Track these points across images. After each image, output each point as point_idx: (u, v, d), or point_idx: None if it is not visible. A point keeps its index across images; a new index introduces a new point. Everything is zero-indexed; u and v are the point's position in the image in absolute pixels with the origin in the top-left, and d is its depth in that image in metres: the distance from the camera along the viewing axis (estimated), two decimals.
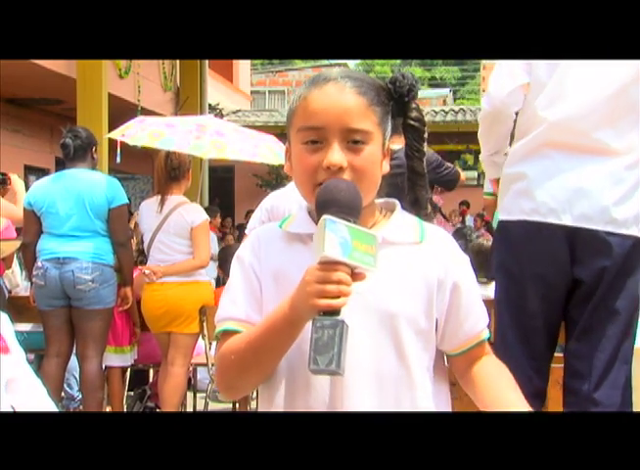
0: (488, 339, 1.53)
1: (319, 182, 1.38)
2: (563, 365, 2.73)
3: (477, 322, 1.50)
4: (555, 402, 2.83)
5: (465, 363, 1.51)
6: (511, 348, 2.64)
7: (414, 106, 1.52)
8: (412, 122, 1.52)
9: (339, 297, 1.27)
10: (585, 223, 2.57)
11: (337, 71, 1.44)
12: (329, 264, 1.27)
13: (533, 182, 2.62)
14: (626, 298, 2.61)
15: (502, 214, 2.75)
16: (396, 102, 1.49)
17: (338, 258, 1.26)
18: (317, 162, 1.39)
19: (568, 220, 2.58)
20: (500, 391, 1.47)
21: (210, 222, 5.71)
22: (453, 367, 1.54)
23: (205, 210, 5.46)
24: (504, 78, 2.72)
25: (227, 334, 1.44)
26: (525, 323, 2.65)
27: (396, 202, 1.52)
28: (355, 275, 1.29)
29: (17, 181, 5.51)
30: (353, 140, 1.39)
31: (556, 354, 2.79)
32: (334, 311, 1.27)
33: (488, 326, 1.54)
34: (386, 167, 1.47)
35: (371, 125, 1.41)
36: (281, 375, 1.43)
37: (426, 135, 1.55)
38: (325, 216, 1.27)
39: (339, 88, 1.40)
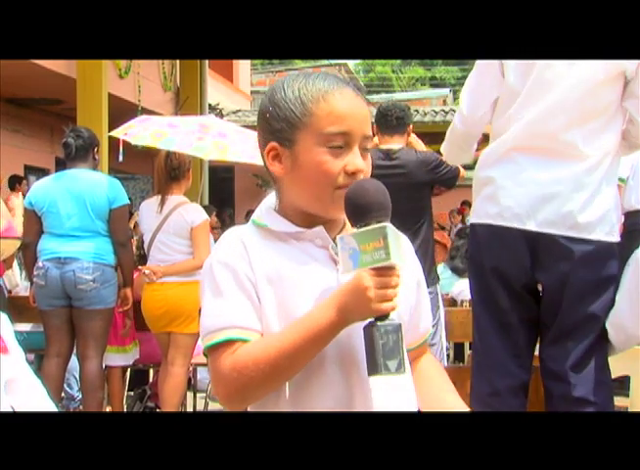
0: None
1: (339, 185, 1.39)
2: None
3: (428, 319, 1.60)
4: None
5: (413, 358, 1.55)
6: (490, 344, 2.66)
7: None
8: None
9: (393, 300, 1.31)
10: (548, 228, 2.59)
11: (340, 77, 1.46)
12: (384, 270, 1.30)
13: (500, 187, 2.65)
14: (601, 302, 2.60)
15: (472, 217, 2.81)
16: None
17: (397, 263, 1.30)
18: (341, 166, 1.39)
19: (531, 226, 2.60)
20: (440, 391, 1.54)
21: None
22: None
23: (204, 208, 5.46)
24: (477, 97, 2.77)
25: (230, 344, 1.37)
26: (500, 319, 2.68)
27: None
28: None
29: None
30: (365, 147, 1.42)
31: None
32: (386, 315, 1.31)
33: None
34: None
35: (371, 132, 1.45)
36: (301, 383, 1.40)
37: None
38: (386, 224, 1.30)
39: (353, 94, 1.41)
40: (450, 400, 1.52)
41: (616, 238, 2.66)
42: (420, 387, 1.51)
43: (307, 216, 1.43)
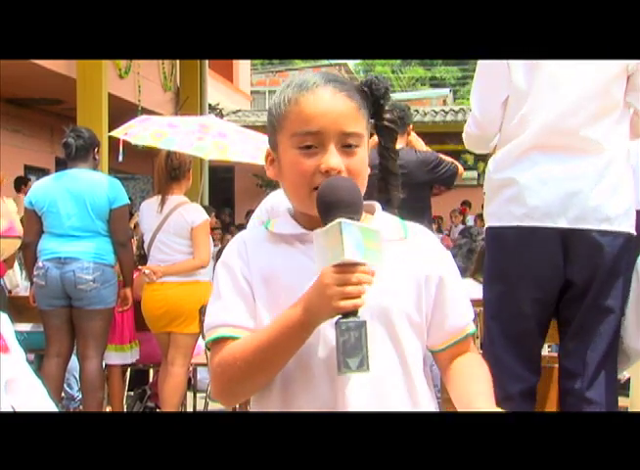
0: (474, 334, 1.54)
1: (315, 186, 1.39)
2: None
3: (461, 317, 1.51)
4: (552, 403, 2.83)
5: (449, 359, 1.51)
6: (503, 349, 2.65)
7: (388, 108, 1.54)
8: (387, 124, 1.54)
9: (359, 297, 1.28)
10: (580, 224, 2.59)
11: (322, 76, 1.45)
12: (347, 266, 1.28)
13: (524, 187, 2.63)
14: (618, 296, 2.62)
15: (492, 221, 2.75)
16: (372, 104, 1.50)
17: (356, 259, 1.28)
18: (314, 166, 1.39)
19: (563, 223, 2.59)
20: (470, 395, 1.44)
21: None
22: (438, 365, 1.54)
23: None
24: (488, 98, 2.75)
25: (222, 341, 1.42)
26: (516, 326, 2.66)
27: (376, 203, 1.54)
28: None
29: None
30: (347, 144, 1.40)
31: (554, 354, 2.80)
32: (353, 312, 1.28)
33: (475, 323, 1.56)
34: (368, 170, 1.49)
35: (362, 129, 1.43)
36: (277, 377, 1.42)
37: (397, 135, 1.57)
38: (340, 220, 1.28)
39: (331, 93, 1.41)
40: (479, 406, 1.41)
41: (635, 231, 2.67)
42: (453, 390, 1.48)
43: (311, 218, 1.43)
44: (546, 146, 2.62)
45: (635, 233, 2.66)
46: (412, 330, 1.44)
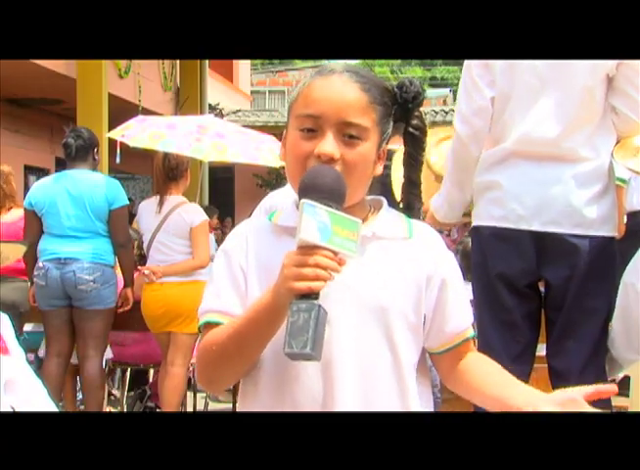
0: (474, 337, 1.53)
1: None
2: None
3: (462, 319, 1.50)
4: None
5: (450, 362, 1.50)
6: (492, 346, 2.66)
7: (417, 114, 1.51)
8: (412, 131, 1.51)
9: (317, 281, 1.26)
10: (554, 228, 2.62)
11: (344, 65, 1.44)
12: (307, 249, 1.26)
13: (505, 190, 2.67)
14: (601, 298, 2.64)
15: (475, 220, 2.81)
16: (400, 107, 1.48)
17: (315, 241, 1.26)
18: (310, 149, 1.38)
19: (537, 226, 2.63)
20: (505, 386, 1.43)
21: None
22: (437, 367, 1.53)
23: (205, 209, 5.46)
24: (473, 93, 2.75)
25: (209, 326, 1.44)
26: (502, 318, 2.69)
27: (383, 199, 1.52)
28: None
29: None
30: (349, 134, 1.38)
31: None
32: (311, 295, 1.26)
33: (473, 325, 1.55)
34: (379, 170, 1.46)
35: (369, 122, 1.40)
36: (266, 369, 1.42)
37: (425, 144, 1.53)
38: (303, 200, 1.27)
39: (343, 81, 1.40)
40: (518, 391, 1.41)
41: (617, 234, 2.71)
42: (479, 386, 1.46)
43: None
44: (526, 154, 2.64)
45: (615, 235, 2.68)
46: (409, 331, 1.43)
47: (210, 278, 1.49)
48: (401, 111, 1.48)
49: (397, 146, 1.56)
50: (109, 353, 5.07)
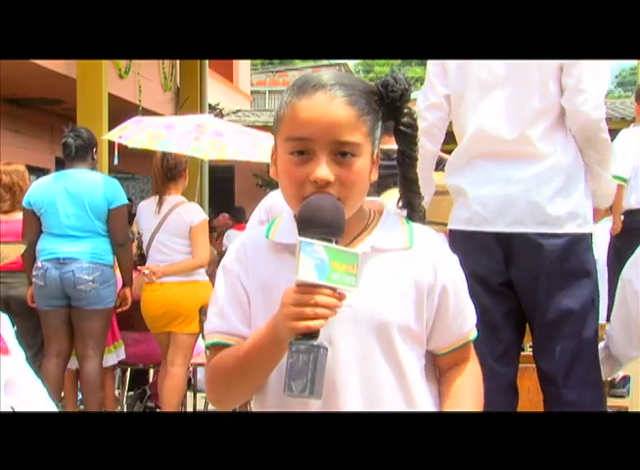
0: (475, 340, 1.53)
1: (306, 195, 1.34)
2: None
3: (464, 323, 1.49)
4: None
5: (449, 363, 1.50)
6: (475, 344, 2.65)
7: (406, 111, 1.46)
8: (403, 129, 1.46)
9: (316, 319, 1.26)
10: (518, 228, 2.61)
11: (327, 77, 1.37)
12: (306, 287, 1.26)
13: (469, 194, 2.67)
14: (576, 296, 2.61)
15: (449, 224, 2.82)
16: (387, 107, 1.43)
17: (312, 281, 1.25)
18: (304, 174, 1.34)
19: (501, 227, 2.62)
20: (455, 403, 1.45)
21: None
22: (436, 365, 1.52)
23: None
24: (427, 92, 2.81)
25: (215, 347, 1.44)
26: (483, 318, 2.68)
27: (383, 202, 1.50)
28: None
29: None
30: (342, 152, 1.35)
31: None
32: (311, 334, 1.26)
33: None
34: (374, 175, 1.43)
35: (361, 137, 1.36)
36: (273, 387, 1.41)
37: (417, 140, 1.49)
38: (300, 239, 1.26)
39: (328, 98, 1.34)
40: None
41: (589, 229, 2.66)
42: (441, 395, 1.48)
43: None
44: (483, 154, 2.65)
45: (586, 231, 2.64)
46: (411, 341, 1.42)
47: (214, 296, 1.47)
48: (389, 110, 1.43)
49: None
50: (121, 354, 5.09)
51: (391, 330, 1.39)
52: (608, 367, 2.70)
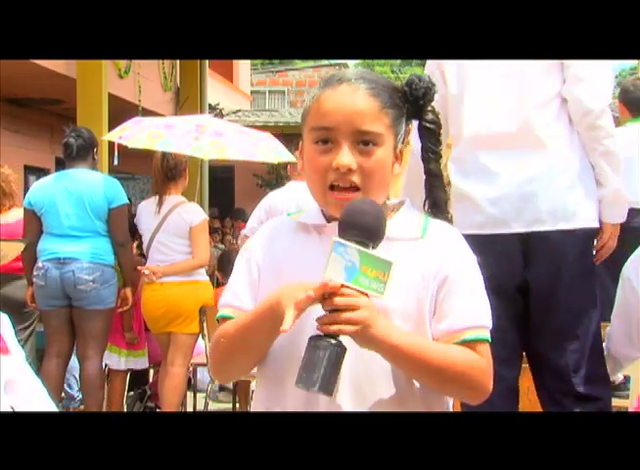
0: (476, 341, 1.43)
1: (330, 182, 1.42)
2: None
3: (459, 320, 1.43)
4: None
5: None
6: None
7: (430, 108, 1.53)
8: (428, 125, 1.53)
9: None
10: (537, 227, 2.59)
11: (351, 72, 1.46)
12: (332, 288, 1.28)
13: (480, 197, 2.64)
14: (589, 296, 2.63)
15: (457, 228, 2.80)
16: (412, 105, 1.50)
17: (339, 281, 1.27)
18: (327, 162, 1.41)
19: (519, 228, 2.60)
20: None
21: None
22: None
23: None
24: None
25: (224, 320, 1.49)
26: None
27: (406, 200, 1.53)
28: None
29: None
30: (363, 142, 1.41)
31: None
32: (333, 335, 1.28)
33: None
34: (397, 170, 1.48)
35: (382, 128, 1.42)
36: (274, 378, 1.44)
37: (440, 136, 1.55)
38: (334, 238, 1.29)
39: (352, 89, 1.42)
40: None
41: (597, 223, 2.66)
42: None
43: None
44: (486, 150, 2.63)
45: (596, 225, 2.64)
46: (412, 330, 1.42)
47: (231, 273, 1.54)
48: (413, 108, 1.50)
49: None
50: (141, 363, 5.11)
51: (395, 318, 1.40)
52: (608, 368, 2.70)
